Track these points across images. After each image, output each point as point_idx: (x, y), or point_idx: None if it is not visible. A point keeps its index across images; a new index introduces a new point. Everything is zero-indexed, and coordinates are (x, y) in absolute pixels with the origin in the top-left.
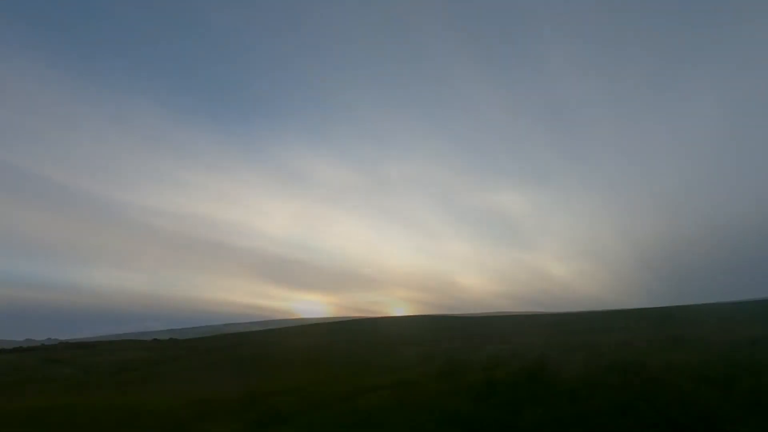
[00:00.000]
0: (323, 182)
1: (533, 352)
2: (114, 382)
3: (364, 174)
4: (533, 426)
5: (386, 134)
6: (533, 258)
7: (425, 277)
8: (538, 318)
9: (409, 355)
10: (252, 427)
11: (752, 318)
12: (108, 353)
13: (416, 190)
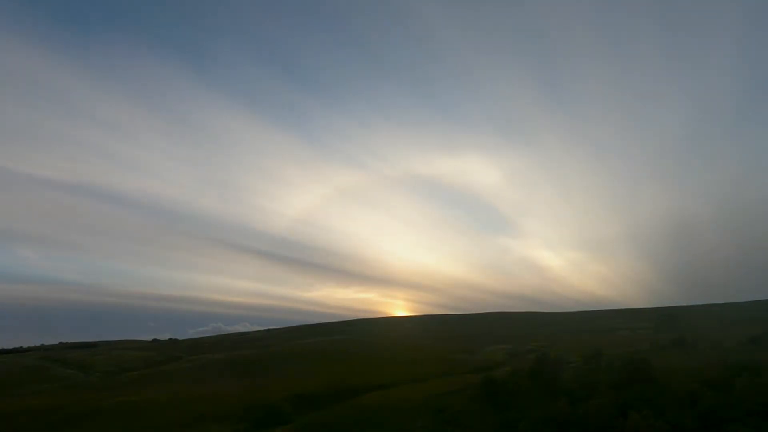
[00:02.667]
0: (227, 137)
1: (533, 352)
2: (114, 382)
3: (284, 127)
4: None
5: (309, 71)
6: (520, 245)
7: (390, 267)
8: (537, 317)
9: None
10: (251, 427)
11: (752, 318)
12: (108, 353)
13: (355, 151)
